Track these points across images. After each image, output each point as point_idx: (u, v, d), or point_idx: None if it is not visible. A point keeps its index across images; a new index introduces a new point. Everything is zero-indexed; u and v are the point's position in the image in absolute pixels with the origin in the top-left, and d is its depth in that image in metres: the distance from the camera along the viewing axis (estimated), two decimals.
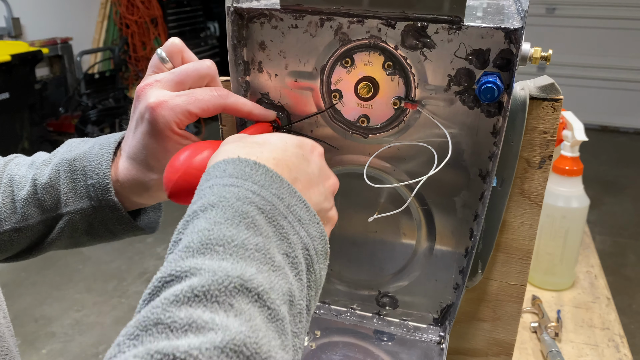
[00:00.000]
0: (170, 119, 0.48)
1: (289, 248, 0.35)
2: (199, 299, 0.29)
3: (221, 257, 0.31)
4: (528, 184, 0.59)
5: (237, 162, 0.37)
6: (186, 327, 0.27)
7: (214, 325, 0.28)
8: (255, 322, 0.29)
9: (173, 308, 0.28)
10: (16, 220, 0.54)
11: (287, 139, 0.43)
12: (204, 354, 0.26)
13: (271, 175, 0.37)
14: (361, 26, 0.52)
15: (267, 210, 0.35)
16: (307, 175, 0.41)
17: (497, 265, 0.63)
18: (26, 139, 3.35)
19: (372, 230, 0.63)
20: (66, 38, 3.98)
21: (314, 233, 0.37)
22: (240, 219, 0.34)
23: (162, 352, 0.26)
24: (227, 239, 0.32)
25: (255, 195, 0.35)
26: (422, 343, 0.65)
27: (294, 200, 0.37)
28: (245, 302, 0.30)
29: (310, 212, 0.38)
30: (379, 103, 0.55)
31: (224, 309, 0.29)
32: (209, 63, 0.52)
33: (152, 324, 0.27)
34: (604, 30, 4.56)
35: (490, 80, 0.49)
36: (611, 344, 0.92)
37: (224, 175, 0.37)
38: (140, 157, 0.51)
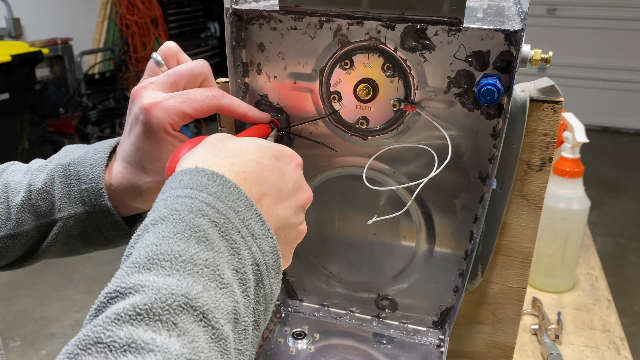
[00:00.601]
0: (164, 120, 0.48)
1: (239, 263, 0.34)
2: (141, 317, 0.28)
3: (167, 272, 0.30)
4: (528, 186, 0.58)
5: (194, 172, 0.36)
6: (125, 347, 0.26)
7: (154, 347, 0.27)
8: (198, 344, 0.28)
9: (114, 327, 0.27)
10: (11, 227, 0.53)
11: (265, 149, 0.42)
12: None
13: (229, 186, 0.36)
14: (360, 28, 0.52)
15: (221, 223, 0.34)
16: (277, 189, 0.41)
17: (497, 267, 0.63)
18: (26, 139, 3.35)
19: (372, 233, 0.63)
20: (66, 38, 3.98)
21: (266, 248, 0.37)
22: (191, 232, 0.33)
23: None
24: (174, 253, 0.31)
25: (209, 208, 0.34)
26: (422, 346, 0.64)
27: (250, 213, 0.36)
28: (190, 322, 0.29)
29: (264, 226, 0.37)
30: (379, 105, 0.55)
31: (167, 327, 0.28)
32: (202, 62, 0.52)
33: (92, 343, 0.27)
34: (604, 31, 4.56)
35: (490, 83, 0.48)
36: (612, 347, 0.92)
37: (179, 187, 0.36)
38: (135, 159, 0.51)
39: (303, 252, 0.67)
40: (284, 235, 0.42)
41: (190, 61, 0.53)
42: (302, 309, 0.70)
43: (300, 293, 0.70)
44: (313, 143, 0.58)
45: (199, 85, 0.52)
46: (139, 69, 4.43)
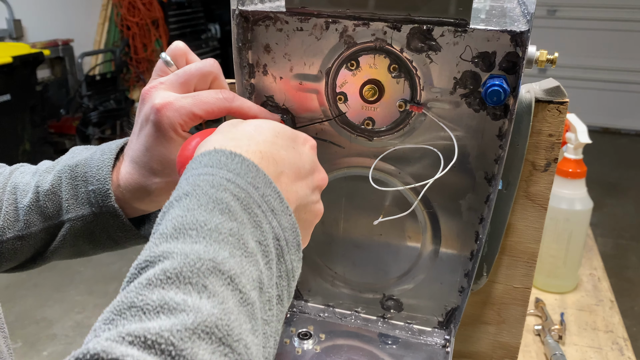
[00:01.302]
0: (175, 121, 0.48)
1: (262, 236, 0.35)
2: (172, 281, 0.29)
3: (194, 240, 0.32)
4: (533, 187, 0.58)
5: (214, 152, 0.38)
6: (158, 308, 0.28)
7: (186, 307, 0.28)
8: (227, 305, 0.29)
9: (146, 291, 0.28)
10: (19, 228, 0.54)
11: (279, 130, 0.43)
12: (174, 335, 0.26)
13: (247, 164, 0.37)
14: (366, 29, 0.52)
15: (242, 197, 0.35)
16: (295, 167, 0.42)
17: (502, 268, 0.63)
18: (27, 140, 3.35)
19: (377, 233, 0.63)
20: (67, 40, 3.99)
21: (286, 224, 0.37)
22: (215, 204, 0.34)
23: (134, 334, 0.26)
24: (200, 223, 0.33)
25: (229, 183, 0.35)
26: (427, 346, 0.64)
27: (269, 190, 0.37)
28: (219, 284, 0.30)
29: (283, 203, 0.38)
30: (384, 106, 0.55)
31: (197, 290, 0.29)
32: (211, 61, 0.51)
33: (126, 308, 0.28)
34: (604, 32, 4.56)
35: (496, 84, 0.49)
36: (615, 347, 0.92)
37: (199, 166, 0.37)
38: (144, 159, 0.51)
39: (308, 252, 0.67)
40: (303, 213, 0.43)
41: (200, 60, 0.53)
42: (307, 310, 0.70)
43: (305, 294, 0.70)
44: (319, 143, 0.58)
45: (210, 84, 0.52)
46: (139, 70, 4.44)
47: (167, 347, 0.26)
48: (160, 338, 0.26)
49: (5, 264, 0.56)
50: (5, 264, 0.55)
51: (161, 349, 0.26)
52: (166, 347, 0.26)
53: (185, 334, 0.26)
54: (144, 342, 0.26)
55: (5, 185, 0.55)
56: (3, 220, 0.54)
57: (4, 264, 0.55)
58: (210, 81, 0.52)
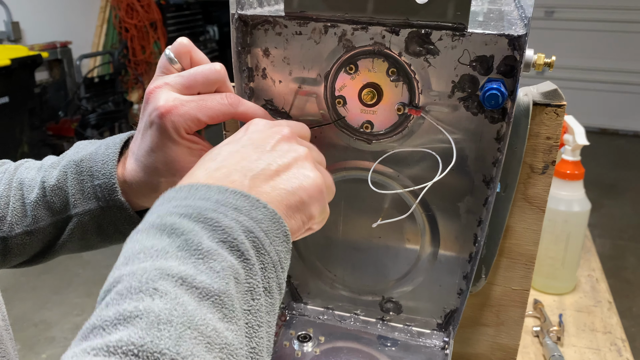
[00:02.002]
0: (179, 125, 0.48)
1: (224, 234, 0.35)
2: (124, 296, 0.30)
3: (141, 260, 0.33)
4: (531, 189, 0.59)
5: (164, 194, 0.39)
6: (115, 321, 0.29)
7: (138, 312, 0.29)
8: (182, 299, 0.30)
9: (103, 312, 0.30)
10: (27, 224, 0.54)
11: (244, 139, 0.44)
12: (133, 336, 0.27)
13: (195, 188, 0.38)
14: (365, 33, 0.52)
15: (190, 213, 0.35)
16: (266, 169, 0.41)
17: (500, 270, 0.63)
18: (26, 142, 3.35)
19: (376, 236, 0.63)
20: (66, 42, 3.98)
21: (259, 216, 0.37)
22: (161, 230, 0.35)
23: (97, 347, 0.27)
24: (146, 247, 0.33)
25: (176, 208, 0.36)
26: (426, 348, 0.65)
27: (225, 195, 0.37)
28: (171, 286, 0.31)
29: (249, 199, 0.38)
30: (383, 109, 0.55)
31: (149, 294, 0.30)
32: (218, 67, 0.51)
33: (89, 331, 0.29)
34: (602, 33, 4.57)
35: (494, 87, 0.49)
36: (613, 348, 0.92)
37: (152, 208, 0.38)
38: (149, 160, 0.51)
39: (307, 255, 0.67)
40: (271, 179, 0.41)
41: (207, 63, 0.52)
42: (306, 312, 0.70)
43: (304, 296, 0.70)
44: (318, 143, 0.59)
45: (215, 89, 0.51)
46: (138, 72, 4.44)
47: (127, 347, 0.27)
48: (119, 342, 0.27)
49: (15, 259, 0.56)
50: (14, 258, 0.56)
51: (123, 351, 0.27)
52: (127, 347, 0.27)
53: (143, 333, 0.28)
54: (106, 350, 0.27)
55: (11, 182, 0.56)
56: (11, 216, 0.54)
57: (13, 259, 0.56)
58: (216, 87, 0.51)
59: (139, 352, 0.27)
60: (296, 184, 0.41)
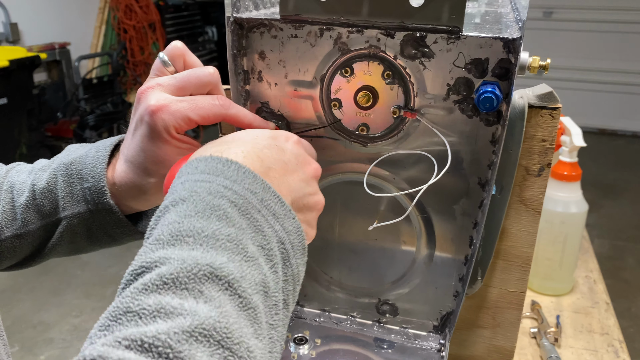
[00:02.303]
0: (170, 124, 0.48)
1: (264, 240, 0.35)
2: (168, 286, 0.29)
3: (191, 247, 0.32)
4: (527, 191, 0.59)
5: (209, 159, 0.38)
6: (155, 313, 0.27)
7: (183, 311, 0.28)
8: (225, 309, 0.29)
9: (142, 296, 0.28)
10: (17, 227, 0.54)
11: (257, 133, 0.44)
12: (172, 337, 0.26)
13: (244, 171, 0.37)
14: (360, 36, 0.52)
15: (240, 203, 0.35)
16: (282, 163, 0.42)
17: (496, 272, 0.63)
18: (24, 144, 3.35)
19: (372, 238, 0.63)
20: (64, 43, 3.98)
21: (290, 227, 0.37)
22: (212, 211, 0.34)
23: (130, 338, 0.26)
24: (197, 230, 0.32)
25: (227, 190, 0.35)
26: (422, 350, 0.65)
27: (268, 195, 0.37)
28: (215, 290, 0.30)
29: (285, 207, 0.38)
30: (379, 112, 0.55)
31: (194, 295, 0.29)
32: (211, 70, 0.51)
33: (122, 313, 0.28)
34: (601, 33, 4.58)
35: (489, 90, 0.49)
36: (610, 349, 0.92)
37: (195, 172, 0.37)
38: (139, 160, 0.51)
39: None
40: (300, 206, 0.43)
41: (200, 66, 0.53)
42: (303, 315, 0.70)
43: (301, 298, 0.70)
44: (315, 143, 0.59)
45: (207, 93, 0.52)
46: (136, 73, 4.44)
47: (164, 349, 0.26)
48: (157, 341, 0.26)
49: (5, 262, 0.56)
50: (4, 262, 0.56)
51: (158, 352, 0.26)
52: (163, 349, 0.26)
53: (182, 337, 0.26)
54: (140, 345, 0.26)
55: (1, 185, 0.56)
56: (1, 219, 0.54)
57: (3, 262, 0.56)
58: (208, 90, 0.52)
59: (174, 357, 0.26)
60: (309, 227, 0.45)
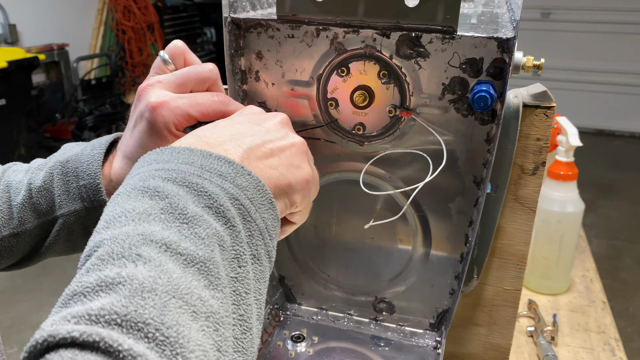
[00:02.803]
0: (169, 120, 0.48)
1: (210, 200, 0.35)
2: (105, 261, 0.29)
3: (123, 224, 0.32)
4: (522, 190, 0.59)
5: (146, 155, 0.39)
6: (97, 288, 0.28)
7: (121, 279, 0.28)
8: (167, 266, 0.29)
9: (84, 277, 0.29)
10: (14, 226, 0.54)
11: (239, 118, 0.45)
12: (115, 304, 0.26)
13: (178, 150, 0.38)
14: (356, 36, 0.53)
15: (174, 177, 0.35)
16: (260, 146, 0.41)
17: (492, 270, 0.64)
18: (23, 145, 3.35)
19: (369, 237, 0.64)
20: (63, 44, 3.99)
21: (244, 183, 0.37)
22: (143, 193, 0.34)
23: (77, 315, 0.26)
24: (128, 210, 0.33)
25: (158, 171, 0.36)
26: (419, 348, 0.65)
27: (209, 160, 0.37)
28: (155, 252, 0.30)
29: (234, 166, 0.38)
30: (375, 111, 0.56)
31: (132, 259, 0.29)
32: (210, 66, 0.52)
33: (69, 298, 0.28)
34: (599, 34, 4.59)
35: (483, 89, 0.49)
36: (607, 348, 0.93)
37: (132, 170, 0.38)
38: (137, 156, 0.51)
39: (301, 256, 0.68)
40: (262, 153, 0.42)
41: (200, 64, 0.53)
42: (300, 313, 0.71)
43: (298, 297, 0.71)
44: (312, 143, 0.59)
45: (206, 89, 0.52)
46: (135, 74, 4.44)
47: (110, 317, 0.26)
48: (102, 311, 0.26)
49: (2, 262, 0.56)
50: (2, 261, 0.56)
51: (106, 320, 0.26)
52: (109, 317, 0.26)
53: (124, 302, 0.27)
54: (88, 319, 0.26)
55: None
56: None
57: (0, 262, 0.56)
58: (207, 86, 0.52)
59: (122, 321, 0.26)
60: (287, 169, 0.42)
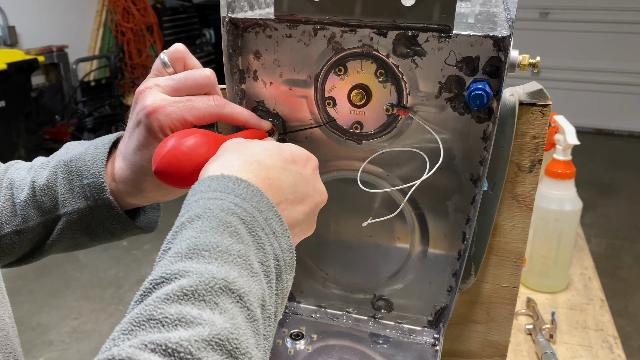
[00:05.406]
0: (165, 124, 0.49)
1: (264, 257, 0.38)
2: (188, 297, 0.32)
3: (207, 260, 0.34)
4: (519, 187, 0.60)
5: (221, 178, 0.40)
6: (176, 321, 0.30)
7: (202, 321, 0.30)
8: (237, 321, 0.32)
9: (164, 305, 0.31)
10: (17, 223, 0.55)
11: (287, 155, 0.45)
12: (193, 345, 0.29)
13: (252, 189, 0.40)
14: (353, 35, 0.53)
15: (248, 221, 0.38)
16: (296, 193, 0.45)
17: (489, 267, 0.64)
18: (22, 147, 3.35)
19: (367, 235, 0.64)
20: (62, 46, 3.99)
21: (285, 246, 0.40)
22: (224, 227, 0.36)
23: (156, 343, 0.28)
24: (212, 245, 0.35)
25: (237, 207, 0.38)
26: (417, 345, 0.65)
27: (271, 214, 0.40)
28: (229, 302, 0.33)
29: (283, 226, 0.41)
30: (372, 110, 0.56)
31: (210, 307, 0.32)
32: (208, 72, 0.53)
33: (145, 320, 0.30)
34: (597, 34, 4.60)
35: (479, 87, 0.50)
36: (605, 345, 0.93)
37: (208, 190, 0.39)
38: (135, 158, 0.52)
39: (300, 254, 0.68)
40: (297, 233, 0.46)
41: (199, 68, 0.54)
42: (299, 311, 0.71)
43: (297, 295, 0.71)
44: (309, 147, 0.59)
45: (204, 94, 0.53)
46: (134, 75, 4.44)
47: (185, 355, 0.28)
48: (179, 347, 0.28)
49: (5, 259, 0.57)
50: (4, 258, 0.57)
51: (180, 357, 0.28)
52: (185, 355, 0.28)
53: (202, 345, 0.29)
54: (164, 350, 0.28)
55: (1, 182, 0.56)
56: (1, 216, 0.55)
57: (2, 259, 0.57)
58: (205, 91, 0.53)
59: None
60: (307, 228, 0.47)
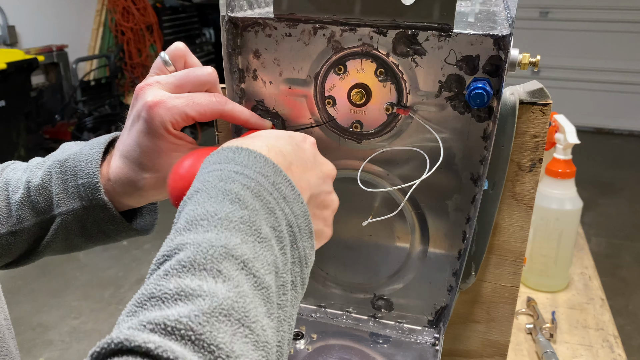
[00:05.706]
0: (167, 119, 0.48)
1: (275, 222, 0.36)
2: (187, 269, 0.31)
3: (205, 229, 0.33)
4: (519, 187, 0.60)
5: (221, 150, 0.39)
6: (176, 296, 0.29)
7: (202, 292, 0.29)
8: (242, 289, 0.31)
9: (163, 281, 0.30)
10: (12, 224, 0.54)
11: (278, 132, 0.46)
12: (192, 320, 0.28)
13: (254, 156, 0.39)
14: (353, 34, 0.53)
15: (252, 186, 0.37)
16: (302, 160, 0.43)
17: (490, 267, 0.64)
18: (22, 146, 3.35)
19: (367, 234, 0.64)
20: (62, 45, 3.99)
21: (298, 211, 0.39)
22: (224, 195, 0.35)
23: (154, 322, 0.27)
24: (210, 213, 0.34)
25: (237, 175, 0.37)
26: (417, 345, 0.65)
27: (279, 178, 0.39)
28: (233, 269, 0.31)
29: (294, 190, 0.39)
30: (372, 109, 0.56)
31: (212, 275, 0.31)
32: (210, 70, 0.52)
33: (147, 299, 0.29)
34: (597, 33, 4.59)
35: (479, 86, 0.50)
36: (605, 344, 0.93)
37: (208, 165, 0.39)
38: (134, 155, 0.51)
39: None
40: (318, 202, 0.45)
41: (199, 66, 0.53)
42: (299, 310, 0.71)
43: None
44: None
45: (205, 92, 0.52)
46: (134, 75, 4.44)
47: (186, 332, 0.27)
48: (178, 324, 0.27)
49: (0, 260, 0.56)
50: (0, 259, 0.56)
51: (181, 335, 0.27)
52: (185, 332, 0.27)
53: (202, 318, 0.28)
54: (164, 328, 0.27)
55: None
56: None
57: None
58: (205, 89, 0.52)
59: (196, 339, 0.27)
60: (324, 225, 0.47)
